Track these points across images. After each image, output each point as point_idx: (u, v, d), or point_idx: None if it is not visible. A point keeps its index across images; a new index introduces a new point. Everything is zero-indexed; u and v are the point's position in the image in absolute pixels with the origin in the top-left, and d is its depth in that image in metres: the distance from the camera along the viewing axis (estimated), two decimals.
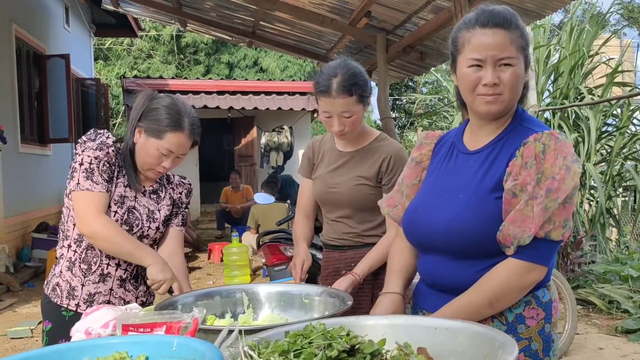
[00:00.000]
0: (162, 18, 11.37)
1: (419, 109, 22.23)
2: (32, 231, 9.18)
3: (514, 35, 1.63)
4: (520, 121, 1.72)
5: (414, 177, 1.89)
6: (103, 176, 2.15)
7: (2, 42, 8.54)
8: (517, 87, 1.65)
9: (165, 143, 2.17)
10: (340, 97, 2.34)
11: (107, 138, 2.19)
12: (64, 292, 2.25)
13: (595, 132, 8.07)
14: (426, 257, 1.79)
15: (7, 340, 5.59)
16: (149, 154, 2.19)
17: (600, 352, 5.08)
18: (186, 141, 2.21)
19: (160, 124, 2.17)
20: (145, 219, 2.28)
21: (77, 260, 2.24)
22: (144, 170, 2.25)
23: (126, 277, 2.30)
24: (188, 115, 2.21)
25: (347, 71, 2.36)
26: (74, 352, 1.32)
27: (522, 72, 1.65)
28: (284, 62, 21.05)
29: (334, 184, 2.54)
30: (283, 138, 13.88)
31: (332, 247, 2.66)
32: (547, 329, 1.69)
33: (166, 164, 2.21)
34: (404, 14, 6.54)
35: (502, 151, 1.68)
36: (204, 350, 1.20)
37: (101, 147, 2.16)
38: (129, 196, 2.25)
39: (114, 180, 2.21)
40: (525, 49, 1.64)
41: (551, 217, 1.55)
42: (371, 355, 1.23)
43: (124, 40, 20.95)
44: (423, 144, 1.93)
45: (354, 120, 2.40)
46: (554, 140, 1.59)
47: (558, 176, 1.54)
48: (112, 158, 2.18)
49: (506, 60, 1.62)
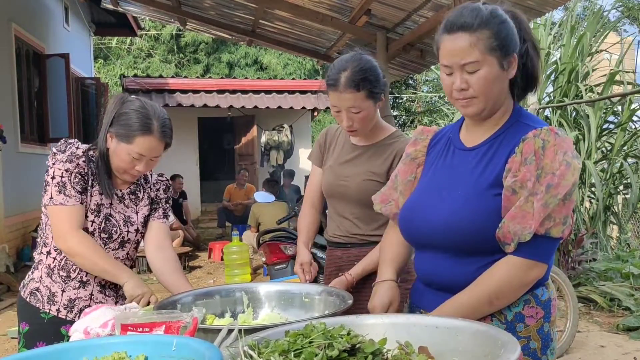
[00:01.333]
0: (162, 17, 11.37)
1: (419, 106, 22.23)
2: (32, 231, 9.17)
3: (481, 36, 1.59)
4: (519, 117, 1.71)
5: (409, 174, 1.88)
6: (75, 188, 2.14)
7: (2, 42, 8.53)
8: (490, 89, 1.62)
9: (136, 147, 2.14)
10: (347, 92, 2.27)
11: (76, 148, 2.18)
12: (44, 297, 2.25)
13: (595, 130, 8.05)
14: (423, 255, 1.78)
15: (7, 340, 5.59)
16: (121, 158, 2.17)
17: (602, 350, 5.08)
18: (157, 144, 2.17)
19: (130, 129, 2.14)
20: (123, 225, 2.27)
21: (56, 267, 2.24)
22: (119, 174, 2.23)
23: (105, 283, 2.28)
24: (158, 119, 2.17)
25: (356, 65, 2.29)
26: (72, 352, 1.31)
27: (495, 72, 1.61)
28: (284, 60, 21.04)
29: (344, 176, 2.48)
30: (283, 137, 13.87)
31: (335, 245, 2.59)
32: (546, 327, 1.68)
33: (139, 167, 2.18)
34: (403, 12, 6.53)
35: (500, 147, 1.67)
36: (204, 350, 1.19)
37: (71, 159, 2.15)
38: (105, 204, 2.23)
39: (89, 189, 2.19)
40: (499, 48, 1.60)
41: (551, 214, 1.53)
42: (372, 355, 1.22)
43: (125, 40, 20.95)
44: (418, 140, 1.91)
45: (362, 117, 2.32)
46: (553, 136, 1.58)
47: (558, 172, 1.53)
48: (83, 168, 2.17)
49: (469, 67, 1.61)
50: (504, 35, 1.61)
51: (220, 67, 21.35)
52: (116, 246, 2.27)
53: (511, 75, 1.65)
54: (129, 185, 2.32)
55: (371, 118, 2.38)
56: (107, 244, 2.24)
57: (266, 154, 14.00)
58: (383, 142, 2.48)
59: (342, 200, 2.51)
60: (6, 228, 8.24)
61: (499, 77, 1.63)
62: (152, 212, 2.38)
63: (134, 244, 2.34)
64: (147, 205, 2.36)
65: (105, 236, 2.22)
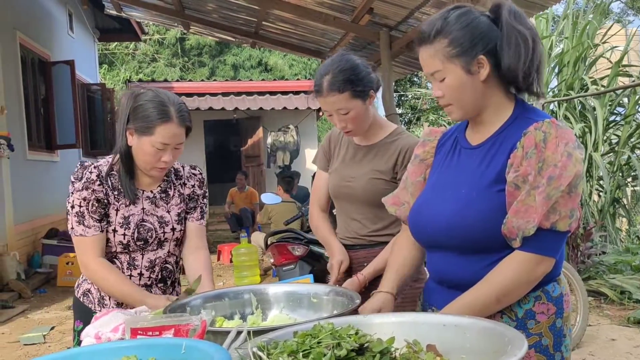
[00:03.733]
0: (165, 21, 11.42)
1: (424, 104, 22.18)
2: (42, 237, 9.23)
3: (438, 46, 1.62)
4: (521, 112, 1.69)
5: (418, 175, 1.88)
6: (94, 217, 2.17)
7: (7, 50, 8.58)
8: (459, 95, 1.64)
9: (158, 137, 2.12)
10: (330, 96, 2.29)
11: (90, 173, 2.18)
12: (95, 299, 2.28)
13: (602, 122, 8.01)
14: (433, 255, 1.78)
15: (19, 347, 5.62)
16: (145, 152, 2.15)
17: (613, 343, 5.06)
18: (178, 130, 2.15)
19: (148, 120, 2.12)
20: (159, 226, 2.26)
21: None
22: (147, 170, 2.21)
23: (151, 283, 2.30)
24: (173, 104, 2.15)
25: (336, 67, 2.30)
26: (83, 357, 1.32)
27: (460, 78, 1.62)
28: (289, 61, 21.06)
29: (349, 177, 2.48)
30: (289, 137, 13.89)
31: (345, 247, 2.56)
32: (558, 324, 1.67)
33: (165, 158, 2.16)
34: (406, 10, 6.53)
35: (503, 143, 1.66)
36: (213, 353, 1.19)
37: (87, 186, 2.16)
38: (135, 213, 2.23)
39: (113, 205, 2.20)
40: (460, 54, 1.60)
41: (556, 207, 1.53)
42: (380, 354, 1.22)
43: (130, 45, 21.03)
44: (426, 141, 1.92)
45: (353, 117, 2.33)
46: (554, 127, 1.57)
47: (560, 163, 1.52)
48: (99, 192, 2.18)
49: (436, 75, 1.65)
50: (464, 40, 1.61)
51: (225, 69, 21.40)
52: (155, 247, 2.27)
53: (483, 77, 1.63)
54: (159, 184, 2.30)
55: (364, 117, 2.38)
56: (144, 248, 2.25)
57: (272, 155, 14.02)
58: (386, 140, 2.48)
59: (349, 201, 2.51)
60: (16, 235, 8.29)
61: (467, 81, 1.63)
62: (189, 212, 2.37)
63: (173, 242, 2.32)
64: (180, 203, 2.34)
65: (140, 243, 2.23)
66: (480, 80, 1.63)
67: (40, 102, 10.38)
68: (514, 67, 1.62)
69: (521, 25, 1.62)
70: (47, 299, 7.55)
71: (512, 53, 1.61)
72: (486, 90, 1.66)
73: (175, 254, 2.37)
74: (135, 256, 2.26)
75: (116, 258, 2.26)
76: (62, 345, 5.58)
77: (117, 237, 2.21)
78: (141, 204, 2.26)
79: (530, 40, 1.62)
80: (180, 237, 2.35)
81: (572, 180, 1.52)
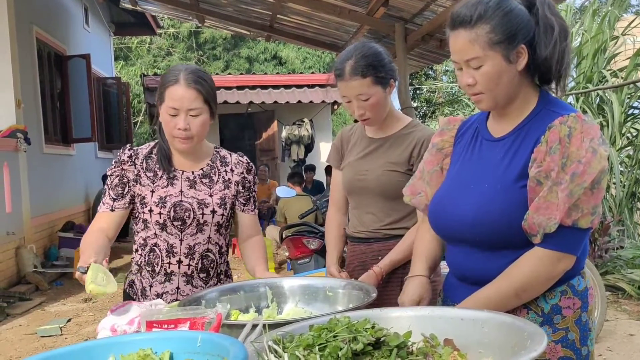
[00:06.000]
0: (180, 15, 11.43)
1: (439, 97, 22.09)
2: (58, 230, 9.30)
3: (480, 31, 1.56)
4: (545, 104, 1.66)
5: (435, 164, 1.86)
6: (111, 195, 2.26)
7: (24, 44, 8.64)
8: (495, 84, 1.59)
9: (169, 101, 2.14)
10: (353, 80, 2.28)
11: (124, 154, 2.29)
12: (138, 290, 2.33)
13: (619, 116, 7.93)
14: (454, 249, 1.76)
15: (37, 339, 5.67)
16: (164, 121, 2.18)
17: (631, 339, 5.01)
18: (185, 91, 2.13)
19: (161, 87, 2.17)
20: (197, 208, 2.24)
21: (142, 262, 2.31)
22: (172, 143, 2.23)
23: (192, 272, 2.29)
24: (186, 70, 2.17)
25: (359, 53, 2.30)
26: (99, 349, 1.33)
27: (500, 66, 1.57)
28: (302, 54, 21.04)
29: (364, 170, 2.46)
30: (304, 131, 13.87)
31: (357, 240, 2.55)
32: (584, 317, 1.65)
33: (180, 124, 2.14)
34: (422, 2, 6.49)
35: (527, 137, 1.63)
36: (228, 346, 1.19)
37: (117, 166, 2.27)
38: (173, 193, 2.24)
39: (149, 187, 2.25)
40: (501, 41, 1.55)
41: (578, 204, 1.50)
42: (397, 348, 1.22)
43: (145, 39, 21.11)
44: (444, 130, 1.89)
45: (372, 104, 2.32)
46: (580, 122, 1.54)
47: (584, 159, 1.50)
48: (129, 173, 2.25)
49: (472, 62, 1.59)
50: (506, 27, 1.56)
51: (239, 62, 21.42)
52: (194, 231, 2.25)
53: (521, 67, 1.60)
54: (202, 167, 2.31)
55: (383, 104, 2.36)
56: (183, 230, 2.24)
57: (287, 148, 14.01)
58: (401, 132, 2.46)
59: (362, 195, 2.49)
60: (33, 228, 8.36)
61: (505, 70, 1.58)
62: (245, 203, 2.37)
63: (215, 227, 2.29)
64: (225, 189, 2.31)
65: (178, 223, 2.23)
66: (517, 69, 1.60)
67: (57, 96, 10.44)
68: (550, 58, 1.59)
69: (554, 15, 1.60)
70: (64, 292, 7.61)
71: (548, 44, 1.58)
72: (519, 80, 1.63)
73: (219, 243, 2.33)
74: (174, 242, 2.25)
75: (155, 246, 2.27)
76: (78, 338, 5.63)
77: (154, 216, 2.23)
78: (179, 185, 2.26)
79: (564, 31, 1.60)
80: (222, 222, 2.31)
81: (596, 177, 1.49)
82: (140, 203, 2.26)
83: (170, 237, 2.25)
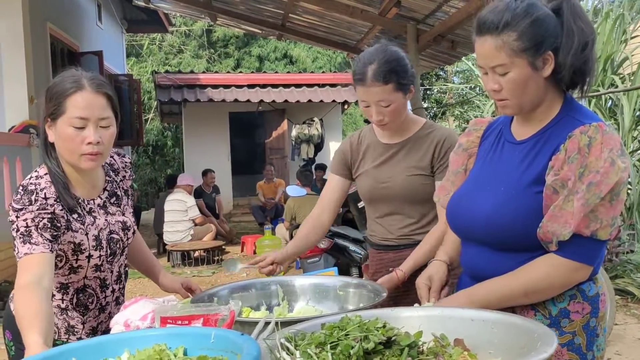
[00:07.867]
0: (193, 13, 11.47)
1: (450, 98, 22.02)
2: None
3: (506, 38, 1.55)
4: (568, 111, 1.64)
5: (460, 164, 1.87)
6: (45, 236, 1.79)
7: (38, 41, 8.69)
8: (521, 91, 1.59)
9: (72, 111, 1.80)
10: (375, 86, 2.20)
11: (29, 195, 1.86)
12: (61, 329, 1.99)
13: (630, 119, 7.89)
14: (468, 248, 1.78)
15: None
16: (65, 137, 1.83)
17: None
18: (93, 98, 1.83)
19: (58, 96, 1.83)
20: (123, 235, 2.04)
21: (68, 306, 1.98)
22: (76, 161, 1.86)
23: (119, 294, 2.11)
24: (86, 76, 1.86)
25: (382, 57, 2.22)
26: (113, 344, 1.35)
27: (526, 73, 1.56)
28: (313, 53, 21.03)
29: (385, 177, 2.38)
30: (314, 130, 13.87)
31: (385, 248, 2.45)
32: (592, 323, 1.64)
33: (90, 136, 1.82)
34: (434, 3, 6.48)
35: (547, 143, 1.63)
36: (241, 342, 1.21)
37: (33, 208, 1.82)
38: (104, 227, 1.97)
39: (79, 229, 1.90)
40: (528, 49, 1.54)
41: (597, 215, 1.49)
42: (408, 347, 1.23)
43: (157, 37, 21.19)
44: (471, 131, 1.90)
45: (392, 110, 2.25)
46: (601, 133, 1.53)
47: (602, 169, 1.49)
48: (54, 215, 1.83)
49: (498, 69, 1.58)
50: (533, 35, 1.55)
51: (250, 60, 21.43)
52: (119, 257, 2.06)
53: (547, 73, 1.59)
54: (105, 186, 2.03)
55: (401, 110, 2.31)
56: (113, 261, 2.03)
57: (297, 147, 14.01)
58: (418, 135, 2.40)
59: (387, 202, 2.41)
60: None
61: (531, 77, 1.58)
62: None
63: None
64: (127, 200, 2.12)
65: (111, 258, 2.01)
66: (543, 76, 1.59)
67: None
68: (576, 65, 1.58)
69: (581, 21, 1.59)
70: None
71: (575, 51, 1.57)
72: (545, 86, 1.62)
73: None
74: (106, 276, 2.03)
75: (86, 287, 1.99)
76: None
77: (92, 261, 1.94)
78: (100, 215, 1.98)
79: (591, 38, 1.59)
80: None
81: (613, 188, 1.49)
82: (73, 251, 1.90)
83: (102, 273, 2.01)
